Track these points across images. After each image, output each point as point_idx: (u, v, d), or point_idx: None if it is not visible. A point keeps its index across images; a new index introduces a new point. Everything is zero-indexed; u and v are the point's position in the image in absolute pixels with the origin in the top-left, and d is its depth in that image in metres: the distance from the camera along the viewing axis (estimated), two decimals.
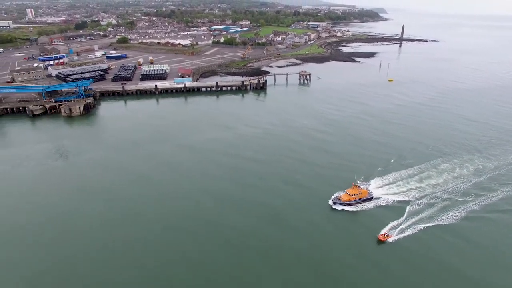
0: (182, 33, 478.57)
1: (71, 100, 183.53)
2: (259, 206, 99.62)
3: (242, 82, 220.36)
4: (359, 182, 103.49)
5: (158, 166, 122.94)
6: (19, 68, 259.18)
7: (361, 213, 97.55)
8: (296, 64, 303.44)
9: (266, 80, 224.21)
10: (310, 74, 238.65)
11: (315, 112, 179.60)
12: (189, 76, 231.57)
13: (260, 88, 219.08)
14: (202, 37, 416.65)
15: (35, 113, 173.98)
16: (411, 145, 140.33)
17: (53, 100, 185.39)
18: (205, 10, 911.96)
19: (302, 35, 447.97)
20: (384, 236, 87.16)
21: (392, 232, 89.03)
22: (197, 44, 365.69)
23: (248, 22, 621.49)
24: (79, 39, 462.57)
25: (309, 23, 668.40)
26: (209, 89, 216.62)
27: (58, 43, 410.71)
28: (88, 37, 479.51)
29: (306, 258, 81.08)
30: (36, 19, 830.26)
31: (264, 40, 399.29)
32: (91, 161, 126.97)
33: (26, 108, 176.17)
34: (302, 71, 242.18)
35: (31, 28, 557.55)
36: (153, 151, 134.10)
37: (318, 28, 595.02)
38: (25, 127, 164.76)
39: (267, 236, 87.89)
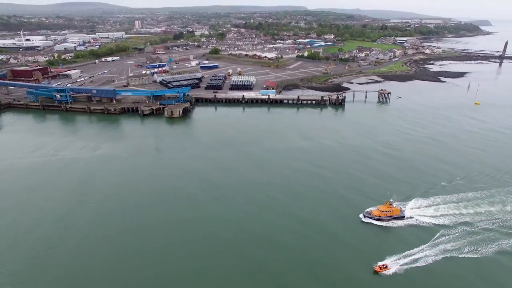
0: (268, 45, 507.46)
1: (173, 104, 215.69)
2: (306, 209, 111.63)
3: (322, 97, 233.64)
4: (391, 200, 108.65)
5: (241, 163, 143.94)
6: (131, 74, 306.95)
7: (387, 229, 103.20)
8: (377, 81, 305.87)
9: (345, 96, 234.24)
10: (390, 93, 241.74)
11: (389, 131, 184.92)
12: (273, 88, 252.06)
13: (339, 104, 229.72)
14: (287, 50, 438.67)
15: (144, 113, 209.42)
16: (472, 172, 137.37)
17: (158, 103, 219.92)
18: (291, 23, 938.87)
19: (387, 51, 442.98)
20: (381, 267, 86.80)
21: (400, 260, 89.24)
22: (281, 57, 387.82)
23: (332, 36, 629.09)
24: (177, 49, 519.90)
25: (396, 38, 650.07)
26: (290, 101, 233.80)
27: (160, 52, 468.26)
28: (184, 47, 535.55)
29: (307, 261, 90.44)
30: (141, 29, 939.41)
31: (347, 56, 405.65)
32: (187, 155, 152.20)
33: (138, 108, 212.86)
34: (381, 90, 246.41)
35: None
36: (239, 151, 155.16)
37: (405, 44, 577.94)
38: (136, 123, 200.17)
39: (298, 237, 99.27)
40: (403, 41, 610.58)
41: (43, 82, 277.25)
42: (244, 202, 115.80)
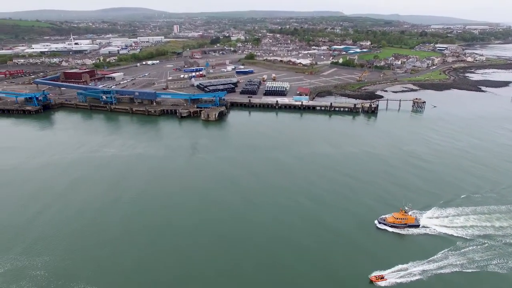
0: (303, 51, 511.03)
1: (209, 108, 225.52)
2: (324, 214, 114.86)
3: (355, 104, 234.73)
4: (406, 208, 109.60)
5: (269, 167, 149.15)
6: (170, 78, 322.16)
7: (398, 237, 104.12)
8: (412, 90, 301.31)
9: (377, 105, 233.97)
10: (425, 102, 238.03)
11: (419, 141, 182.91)
12: (306, 95, 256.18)
13: (371, 112, 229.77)
14: (322, 57, 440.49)
15: (182, 115, 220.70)
16: (500, 186, 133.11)
17: (195, 106, 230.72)
18: (327, 29, 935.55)
19: (425, 59, 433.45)
20: (377, 278, 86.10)
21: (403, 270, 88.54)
22: (316, 64, 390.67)
23: (368, 43, 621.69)
24: (213, 53, 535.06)
25: (436, 45, 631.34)
26: (323, 108, 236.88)
27: (198, 56, 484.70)
28: (220, 52, 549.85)
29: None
30: (180, 33, 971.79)
31: (382, 63, 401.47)
32: (220, 157, 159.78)
33: (177, 111, 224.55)
34: (416, 98, 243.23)
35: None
36: (268, 156, 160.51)
37: (445, 51, 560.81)
38: (174, 125, 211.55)
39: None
40: (443, 48, 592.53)
41: (90, 84, 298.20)
42: (269, 205, 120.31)
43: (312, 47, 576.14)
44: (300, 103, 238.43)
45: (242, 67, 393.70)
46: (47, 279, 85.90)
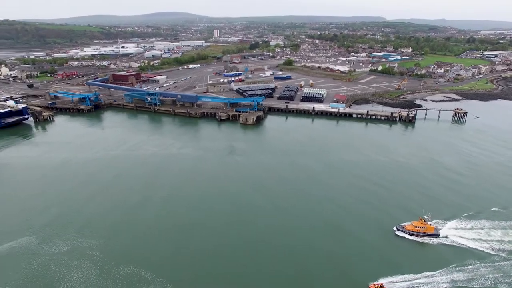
0: (341, 58, 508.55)
1: (247, 112, 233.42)
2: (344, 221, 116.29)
3: (392, 113, 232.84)
4: (426, 217, 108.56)
5: (299, 173, 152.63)
6: (211, 82, 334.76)
7: (414, 245, 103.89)
8: (454, 99, 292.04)
9: (415, 114, 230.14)
10: (466, 112, 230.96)
11: (455, 152, 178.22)
12: (343, 102, 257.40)
13: (409, 121, 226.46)
14: (360, 64, 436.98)
15: (221, 118, 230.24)
16: None
17: (234, 110, 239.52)
18: (367, 35, 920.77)
19: (470, 67, 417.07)
20: (376, 286, 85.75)
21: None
22: (354, 71, 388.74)
23: (410, 50, 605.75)
24: (252, 58, 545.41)
25: (484, 53, 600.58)
26: (359, 116, 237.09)
27: (237, 61, 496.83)
28: (259, 57, 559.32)
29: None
30: (220, 38, 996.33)
31: (423, 71, 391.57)
32: (254, 161, 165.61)
33: (216, 114, 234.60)
34: (457, 109, 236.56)
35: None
36: (300, 161, 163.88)
37: (494, 59, 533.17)
38: (214, 127, 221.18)
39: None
40: (493, 56, 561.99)
41: (136, 86, 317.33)
42: (294, 209, 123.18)
43: (351, 54, 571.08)
44: (336, 110, 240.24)
45: (280, 72, 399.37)
46: (102, 259, 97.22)
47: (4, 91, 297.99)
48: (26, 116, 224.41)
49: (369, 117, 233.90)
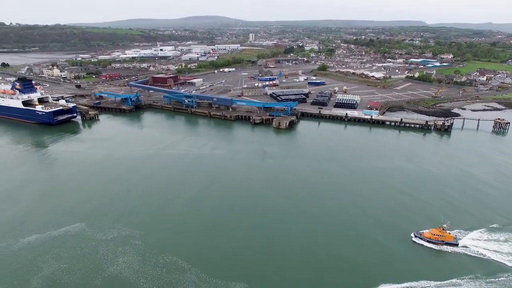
0: (377, 64, 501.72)
1: (280, 116, 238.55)
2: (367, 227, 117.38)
3: (426, 121, 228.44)
4: (445, 225, 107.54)
5: (326, 179, 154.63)
6: (245, 85, 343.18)
7: (429, 253, 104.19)
8: (496, 109, 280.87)
9: (452, 123, 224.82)
10: (509, 123, 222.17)
11: (490, 165, 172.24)
12: (377, 109, 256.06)
13: (444, 130, 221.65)
14: (396, 70, 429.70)
15: (255, 121, 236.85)
16: None
17: (268, 114, 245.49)
18: (405, 40, 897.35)
19: None
20: None
21: None
22: (389, 77, 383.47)
23: (451, 56, 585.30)
24: (286, 63, 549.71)
25: None
26: (393, 123, 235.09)
27: (271, 66, 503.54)
28: (294, 62, 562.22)
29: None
30: (255, 41, 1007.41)
31: (463, 79, 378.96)
32: (283, 165, 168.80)
33: (250, 117, 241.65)
34: (498, 118, 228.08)
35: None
36: (328, 167, 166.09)
37: None
38: (247, 130, 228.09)
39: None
40: None
41: (173, 88, 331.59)
42: (318, 214, 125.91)
43: (387, 60, 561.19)
44: (369, 117, 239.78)
45: (314, 78, 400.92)
46: (143, 248, 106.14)
47: (56, 91, 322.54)
48: (75, 114, 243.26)
49: (403, 125, 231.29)
